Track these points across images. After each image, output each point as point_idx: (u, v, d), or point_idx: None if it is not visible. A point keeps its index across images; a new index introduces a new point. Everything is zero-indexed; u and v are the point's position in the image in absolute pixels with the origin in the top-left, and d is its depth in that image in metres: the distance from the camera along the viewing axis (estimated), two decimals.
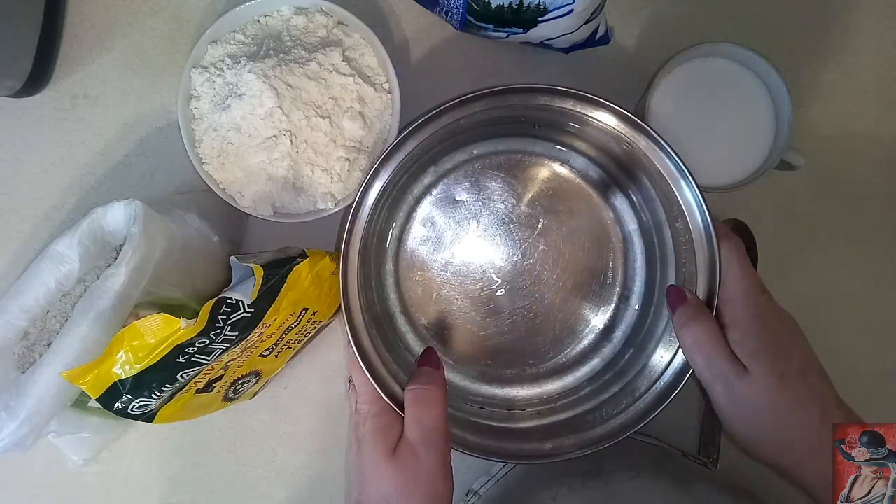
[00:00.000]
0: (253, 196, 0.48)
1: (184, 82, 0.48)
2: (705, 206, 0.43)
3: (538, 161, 0.51)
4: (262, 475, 0.54)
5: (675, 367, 0.45)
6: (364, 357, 0.43)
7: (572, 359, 0.52)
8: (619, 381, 0.48)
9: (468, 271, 0.51)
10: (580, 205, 0.51)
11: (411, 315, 0.51)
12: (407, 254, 0.51)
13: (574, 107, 0.44)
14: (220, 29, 0.48)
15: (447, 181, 0.51)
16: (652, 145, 0.44)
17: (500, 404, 0.51)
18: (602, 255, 0.51)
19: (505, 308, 0.51)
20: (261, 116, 0.46)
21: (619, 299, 0.51)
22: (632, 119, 0.43)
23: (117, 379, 0.37)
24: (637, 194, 0.49)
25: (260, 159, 0.46)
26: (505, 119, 0.47)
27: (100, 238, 0.42)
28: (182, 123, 0.48)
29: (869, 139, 0.55)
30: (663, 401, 0.45)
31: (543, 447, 0.46)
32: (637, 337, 0.50)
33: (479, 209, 0.51)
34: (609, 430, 0.46)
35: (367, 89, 0.48)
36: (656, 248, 0.49)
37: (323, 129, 0.47)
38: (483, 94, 0.43)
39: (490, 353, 0.51)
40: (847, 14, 0.55)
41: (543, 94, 0.44)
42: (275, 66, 0.46)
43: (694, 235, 0.44)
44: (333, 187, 0.48)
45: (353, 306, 0.43)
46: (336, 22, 0.49)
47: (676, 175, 0.44)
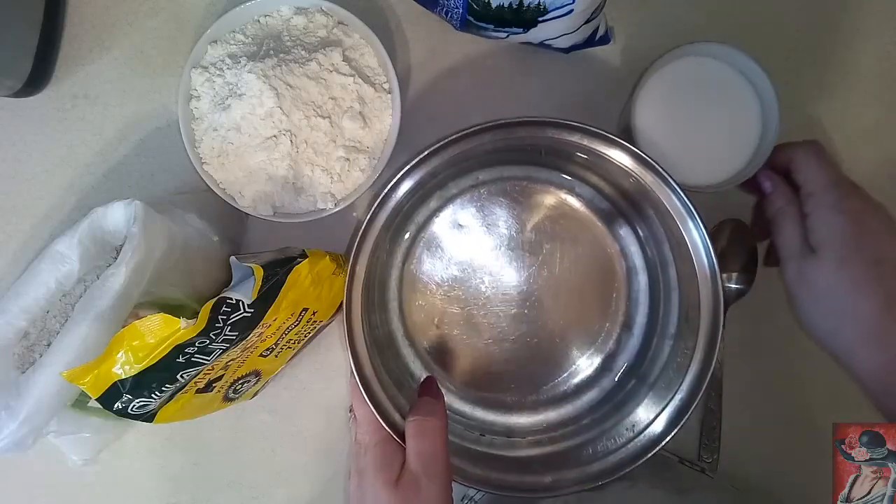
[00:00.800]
0: (253, 196, 0.48)
1: (184, 82, 0.48)
2: (711, 247, 0.43)
3: (544, 188, 0.51)
4: (262, 475, 0.54)
5: (677, 400, 0.45)
6: (367, 387, 0.43)
7: (573, 387, 0.52)
8: (620, 412, 0.48)
9: (471, 296, 0.51)
10: (585, 234, 0.51)
11: (413, 339, 0.51)
12: (410, 278, 0.51)
13: (581, 140, 0.44)
14: (220, 29, 0.48)
15: (453, 206, 0.51)
16: (659, 182, 0.44)
17: (499, 431, 0.50)
18: (605, 284, 0.51)
19: (507, 334, 0.51)
20: (261, 116, 0.46)
21: (621, 329, 0.51)
22: (640, 156, 0.43)
23: (117, 379, 0.37)
24: (643, 228, 0.50)
25: (260, 159, 0.46)
26: (512, 146, 0.46)
27: (100, 238, 0.42)
28: (182, 123, 0.48)
29: (869, 139, 0.55)
30: (665, 435, 0.45)
31: (544, 480, 0.46)
32: (639, 367, 0.50)
33: (483, 235, 0.51)
34: (610, 465, 0.45)
35: (367, 89, 0.48)
36: (660, 278, 0.49)
37: (323, 128, 0.47)
38: (491, 126, 0.43)
39: (491, 379, 0.51)
40: (847, 14, 0.55)
41: (552, 127, 0.44)
42: (275, 65, 0.46)
43: (699, 273, 0.44)
44: (333, 187, 0.48)
45: (356, 332, 0.43)
46: (336, 22, 0.49)
47: (683, 213, 0.44)
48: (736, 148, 0.48)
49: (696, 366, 0.45)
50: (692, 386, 0.45)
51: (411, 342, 0.51)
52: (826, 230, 0.42)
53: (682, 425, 0.44)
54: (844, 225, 0.42)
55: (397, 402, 0.44)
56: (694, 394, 0.44)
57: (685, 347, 0.46)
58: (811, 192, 0.44)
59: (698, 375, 0.45)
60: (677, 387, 0.45)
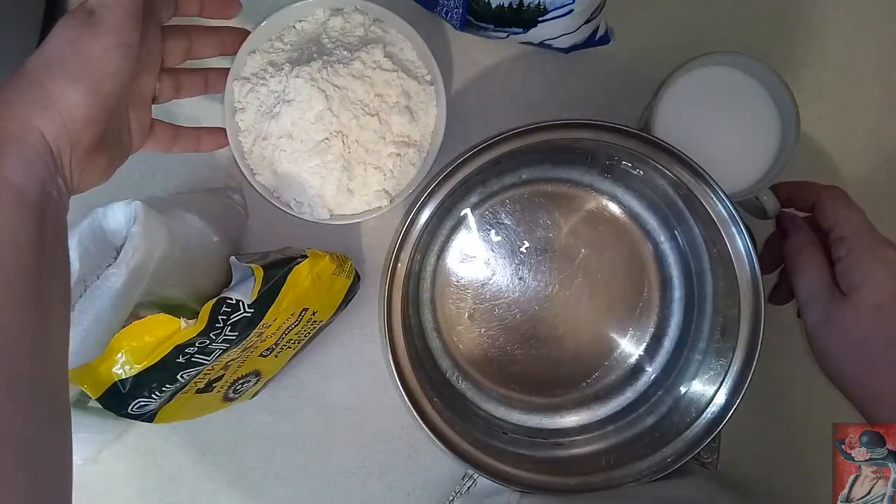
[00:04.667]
0: (309, 202, 0.48)
1: (227, 95, 0.48)
2: (755, 256, 0.43)
3: (586, 192, 0.51)
4: (262, 475, 0.54)
5: (711, 411, 0.45)
6: (400, 374, 0.44)
7: (601, 392, 0.52)
8: (645, 421, 0.49)
9: (503, 294, 0.51)
10: (623, 240, 0.51)
11: (443, 333, 0.51)
12: (445, 272, 0.51)
13: (636, 148, 0.44)
14: (258, 39, 0.48)
15: (493, 203, 0.51)
16: (706, 190, 0.44)
17: (524, 431, 0.50)
18: (639, 291, 0.51)
19: (537, 335, 0.51)
20: (311, 120, 0.46)
21: (651, 339, 0.51)
22: (690, 164, 0.43)
23: (117, 379, 0.37)
24: (682, 236, 0.49)
25: (314, 163, 0.46)
26: (559, 148, 0.47)
27: (100, 238, 0.42)
28: (230, 137, 0.47)
29: (869, 139, 0.55)
30: (687, 454, 0.45)
31: (569, 482, 0.45)
32: (668, 377, 0.50)
33: (521, 234, 0.51)
34: (635, 470, 0.45)
35: (410, 83, 0.48)
36: (695, 291, 0.49)
37: (372, 126, 0.47)
38: (547, 126, 0.43)
39: (517, 378, 0.51)
40: (847, 14, 0.55)
41: (608, 132, 0.43)
42: (320, 68, 0.46)
43: (741, 285, 0.44)
44: (387, 184, 0.48)
45: (395, 322, 0.44)
46: (372, 20, 0.49)
47: (729, 223, 0.44)
48: (755, 157, 0.48)
49: (731, 377, 0.45)
50: (729, 393, 0.45)
51: (441, 336, 0.51)
52: (861, 275, 0.41)
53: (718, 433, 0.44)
54: (882, 271, 0.40)
55: (429, 395, 0.45)
56: (730, 402, 0.45)
57: (719, 360, 0.46)
58: (843, 237, 0.42)
59: (737, 378, 0.45)
60: (710, 398, 0.45)
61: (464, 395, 0.51)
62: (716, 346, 0.47)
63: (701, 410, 0.45)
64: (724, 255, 0.44)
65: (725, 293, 0.46)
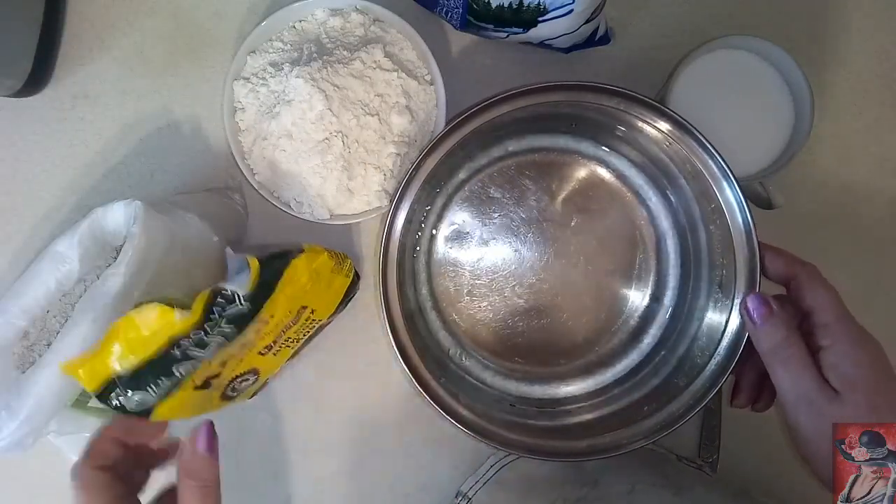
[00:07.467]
0: (309, 202, 0.48)
1: (227, 95, 0.48)
2: (746, 207, 0.43)
3: (573, 159, 0.51)
4: (261, 475, 0.54)
5: (712, 365, 0.45)
6: (403, 352, 0.44)
7: (605, 357, 0.52)
8: (650, 382, 0.49)
9: (499, 268, 0.51)
10: (614, 203, 0.51)
11: (442, 311, 0.51)
12: (439, 249, 0.51)
13: (619, 105, 0.44)
14: (258, 39, 0.48)
15: (481, 177, 0.51)
16: (695, 145, 0.44)
17: (531, 402, 0.51)
18: (635, 254, 0.51)
19: (536, 306, 0.51)
20: (311, 120, 0.46)
21: (650, 299, 0.51)
22: (677, 119, 0.43)
23: (113, 372, 0.37)
24: (673, 195, 0.50)
25: (314, 163, 0.46)
26: (543, 116, 0.47)
27: (100, 238, 0.42)
28: (230, 137, 0.48)
29: (869, 139, 0.55)
30: (693, 408, 0.44)
31: (579, 445, 0.46)
32: (669, 339, 0.50)
33: (512, 206, 0.51)
34: (644, 428, 0.46)
35: (410, 83, 0.48)
36: (690, 248, 0.50)
37: (373, 126, 0.47)
38: (527, 90, 0.43)
39: (520, 350, 0.52)
40: (847, 14, 0.55)
41: (590, 91, 0.43)
42: (320, 68, 0.46)
43: (735, 236, 0.44)
44: (387, 184, 0.48)
45: (392, 300, 0.45)
46: (372, 20, 0.49)
47: (719, 175, 0.44)
48: (766, 144, 0.48)
49: (729, 335, 0.45)
50: (728, 350, 0.44)
51: (441, 314, 0.51)
52: (850, 369, 0.38)
53: (716, 391, 0.44)
54: (870, 365, 0.38)
55: (431, 368, 0.46)
56: (730, 358, 0.44)
57: (721, 314, 0.46)
58: (826, 324, 0.39)
59: (736, 333, 0.44)
60: (712, 352, 0.45)
61: (469, 371, 0.51)
62: (715, 301, 0.47)
63: (702, 367, 0.46)
64: (717, 209, 0.44)
65: (720, 247, 0.45)
